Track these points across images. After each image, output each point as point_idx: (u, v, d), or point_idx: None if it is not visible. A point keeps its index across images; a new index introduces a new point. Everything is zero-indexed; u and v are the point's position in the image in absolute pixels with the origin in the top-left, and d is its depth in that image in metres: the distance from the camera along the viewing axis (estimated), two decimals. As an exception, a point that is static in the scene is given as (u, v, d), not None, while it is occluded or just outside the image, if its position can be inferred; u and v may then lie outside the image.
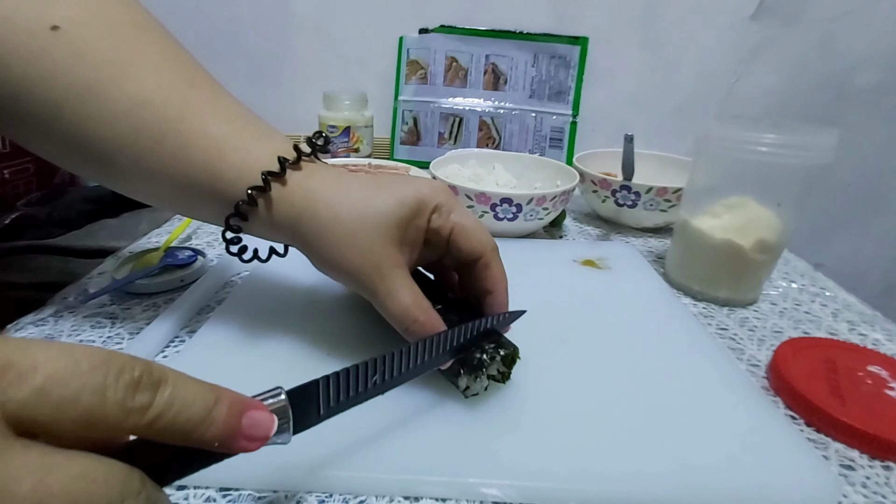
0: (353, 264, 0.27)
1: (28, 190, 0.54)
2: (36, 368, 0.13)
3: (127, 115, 0.26)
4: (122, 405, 0.14)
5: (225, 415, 0.16)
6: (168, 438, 0.15)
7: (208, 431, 0.16)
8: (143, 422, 0.14)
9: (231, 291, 0.39)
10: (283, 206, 0.27)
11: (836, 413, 0.28)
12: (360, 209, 0.27)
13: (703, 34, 0.78)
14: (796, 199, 0.39)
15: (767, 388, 0.33)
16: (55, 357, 0.13)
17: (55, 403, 0.13)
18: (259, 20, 0.79)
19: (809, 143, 0.36)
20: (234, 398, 0.17)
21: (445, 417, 0.27)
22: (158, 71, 0.27)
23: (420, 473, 0.23)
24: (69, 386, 0.13)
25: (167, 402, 0.15)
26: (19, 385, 0.13)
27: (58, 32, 0.25)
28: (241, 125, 0.28)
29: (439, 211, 0.28)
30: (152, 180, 0.28)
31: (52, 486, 0.12)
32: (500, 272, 0.29)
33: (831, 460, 0.27)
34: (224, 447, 0.16)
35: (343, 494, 0.23)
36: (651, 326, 0.36)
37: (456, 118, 0.77)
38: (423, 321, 0.26)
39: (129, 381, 0.14)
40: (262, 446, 0.17)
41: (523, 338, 0.29)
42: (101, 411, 0.14)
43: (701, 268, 0.43)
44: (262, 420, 0.17)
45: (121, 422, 0.14)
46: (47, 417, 0.13)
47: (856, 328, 0.40)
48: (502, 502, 0.23)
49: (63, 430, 0.13)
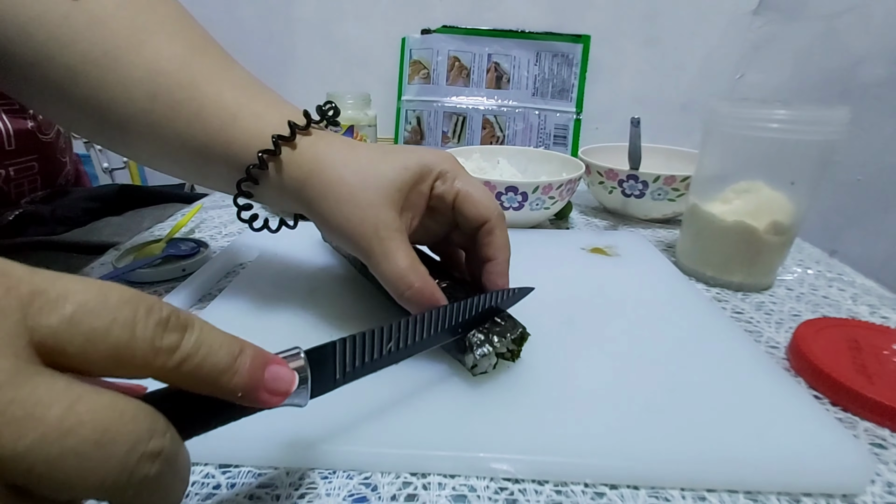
0: (352, 224, 0.26)
1: (33, 188, 0.54)
2: (66, 297, 0.13)
3: (143, 82, 0.27)
4: (151, 343, 0.14)
5: (249, 365, 0.16)
6: (193, 384, 0.15)
7: (233, 380, 0.15)
8: (171, 363, 0.14)
9: (234, 279, 0.38)
10: (292, 168, 0.28)
11: (865, 391, 0.27)
12: (364, 171, 0.27)
13: (705, 30, 0.78)
14: (810, 178, 0.38)
15: (788, 368, 0.31)
16: (85, 288, 0.13)
17: (85, 334, 0.13)
18: (262, 24, 0.80)
19: (822, 118, 0.35)
20: (256, 350, 0.16)
21: (453, 392, 0.25)
22: (172, 39, 0.28)
23: (427, 448, 0.22)
24: (100, 317, 0.13)
25: (194, 345, 0.14)
26: (49, 312, 0.12)
27: (77, 1, 0.26)
28: (253, 93, 0.29)
29: (444, 177, 0.28)
30: (167, 145, 0.28)
31: (81, 413, 0.12)
32: (504, 240, 0.29)
33: (860, 439, 0.26)
34: (246, 398, 0.16)
35: (347, 471, 0.22)
36: (663, 308, 0.35)
37: (459, 117, 0.77)
38: (418, 287, 0.26)
39: (159, 319, 0.14)
40: (282, 403, 0.17)
41: (531, 320, 0.28)
42: (130, 347, 0.13)
43: (713, 252, 0.42)
44: (283, 374, 0.17)
45: (149, 361, 0.14)
46: (77, 348, 0.13)
47: (877, 311, 0.38)
48: (513, 478, 0.22)
49: (91, 365, 0.13)
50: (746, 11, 0.77)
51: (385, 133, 0.79)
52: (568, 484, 0.22)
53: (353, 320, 0.32)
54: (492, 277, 0.28)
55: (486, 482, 0.21)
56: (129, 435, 0.12)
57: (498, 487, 0.21)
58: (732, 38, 0.79)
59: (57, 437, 0.11)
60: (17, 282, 0.12)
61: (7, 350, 0.12)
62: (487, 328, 0.26)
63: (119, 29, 0.26)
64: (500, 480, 0.22)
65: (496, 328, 0.26)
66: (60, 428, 0.11)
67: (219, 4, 0.78)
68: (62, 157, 0.56)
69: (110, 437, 0.12)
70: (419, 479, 0.22)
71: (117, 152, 0.31)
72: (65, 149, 0.57)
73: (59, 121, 0.30)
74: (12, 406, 0.11)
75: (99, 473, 0.12)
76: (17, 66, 0.26)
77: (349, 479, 0.21)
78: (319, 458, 0.22)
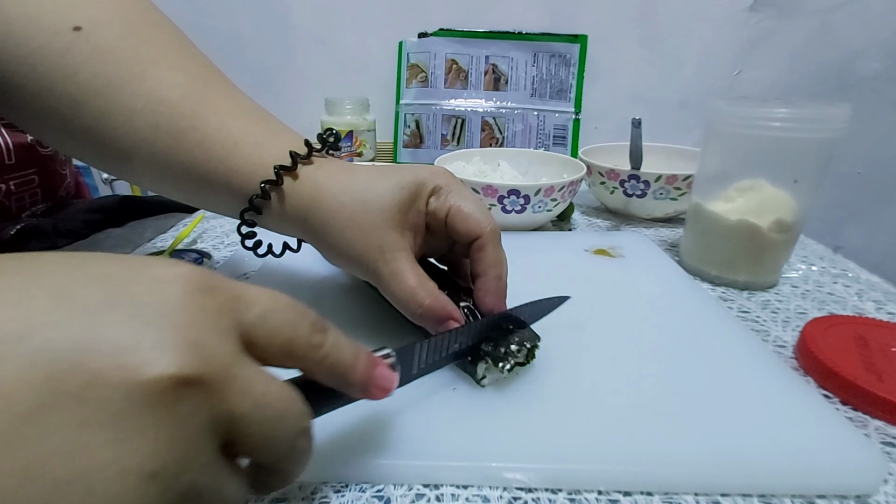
0: (357, 249, 0.27)
1: (33, 202, 0.54)
2: (256, 300, 0.16)
3: (145, 112, 0.27)
4: (307, 340, 0.17)
5: (364, 365, 0.19)
6: (326, 376, 0.18)
7: (354, 376, 0.18)
8: (318, 356, 0.17)
9: (237, 290, 0.38)
10: (294, 197, 0.28)
11: (875, 389, 0.27)
12: (363, 195, 0.27)
13: (702, 27, 0.78)
14: (812, 176, 0.38)
15: (796, 367, 0.31)
16: (264, 294, 0.16)
17: (269, 329, 0.16)
18: (260, 33, 0.80)
19: (824, 116, 0.35)
20: (368, 353, 0.19)
21: (464, 401, 0.25)
22: (174, 69, 0.28)
23: (440, 459, 0.22)
24: (278, 317, 0.16)
25: (332, 344, 0.18)
26: (248, 311, 0.16)
27: (80, 32, 0.26)
28: (254, 121, 0.29)
29: (437, 193, 0.28)
30: (169, 174, 0.28)
31: (272, 392, 0.15)
32: (495, 257, 0.28)
33: (871, 438, 0.26)
34: (362, 392, 0.19)
35: (360, 484, 0.22)
36: (670, 310, 0.35)
37: (458, 119, 0.77)
38: (429, 304, 0.26)
39: (311, 321, 0.17)
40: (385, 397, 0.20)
41: (539, 325, 0.28)
42: (294, 342, 0.16)
43: (717, 252, 0.42)
44: (388, 374, 0.20)
45: (305, 353, 0.17)
46: (263, 340, 0.16)
47: (883, 307, 0.38)
48: (526, 487, 0.22)
49: (267, 355, 0.16)
50: (743, 8, 0.77)
51: (384, 137, 0.79)
52: (581, 492, 0.22)
53: (361, 328, 0.32)
54: (479, 294, 0.28)
55: (499, 492, 0.21)
56: (297, 413, 0.16)
57: (511, 497, 0.21)
58: (729, 35, 0.79)
59: (261, 407, 0.15)
60: (227, 286, 0.16)
61: (231, 336, 0.15)
62: (503, 341, 0.26)
63: (121, 59, 0.27)
64: (514, 490, 0.22)
65: (513, 342, 0.26)
66: (262, 401, 0.15)
67: (216, 13, 0.78)
68: (62, 170, 0.56)
69: (287, 412, 0.16)
70: (432, 490, 0.22)
71: (124, 179, 0.32)
72: (65, 161, 0.57)
73: (63, 149, 0.30)
74: (238, 380, 0.14)
75: (279, 438, 0.15)
76: (20, 96, 0.27)
77: (362, 493, 0.21)
78: (332, 472, 0.22)
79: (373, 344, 0.23)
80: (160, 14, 0.30)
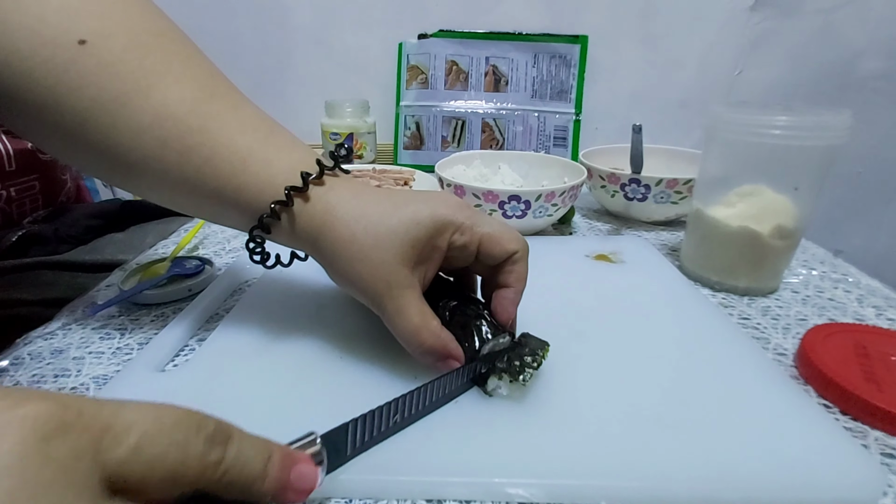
0: (365, 282, 0.27)
1: (34, 208, 0.54)
2: (130, 429, 0.14)
3: (152, 128, 0.26)
4: (201, 459, 0.15)
5: (277, 470, 0.17)
6: (229, 491, 0.16)
7: (264, 486, 0.16)
8: (215, 475, 0.15)
9: (240, 299, 0.38)
10: (304, 219, 0.28)
11: (875, 399, 0.27)
12: (376, 228, 0.26)
13: (702, 27, 0.78)
14: (813, 183, 0.38)
15: (796, 376, 0.31)
16: (143, 416, 0.14)
17: (147, 460, 0.14)
18: (259, 35, 0.79)
19: (824, 124, 0.35)
20: (283, 452, 0.17)
21: (466, 415, 0.26)
22: (181, 81, 0.27)
23: (442, 474, 0.22)
24: (159, 443, 0.14)
25: (235, 456, 0.16)
26: (117, 446, 0.13)
27: (84, 46, 0.25)
28: (263, 135, 0.29)
29: (461, 230, 0.27)
30: (178, 189, 0.28)
31: None
32: (525, 271, 0.29)
33: (871, 449, 0.26)
34: (274, 500, 0.17)
35: (363, 499, 0.22)
36: (671, 317, 0.35)
37: (459, 121, 0.76)
38: (430, 344, 0.26)
39: (206, 435, 0.15)
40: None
41: (540, 334, 0.28)
42: (183, 466, 0.14)
43: (718, 257, 0.42)
44: (307, 473, 0.18)
45: (199, 475, 0.15)
46: (138, 475, 0.14)
47: (883, 313, 0.38)
48: (528, 502, 0.22)
49: (149, 487, 0.14)
50: (744, 8, 0.77)
51: (384, 139, 0.79)
52: (583, 506, 0.22)
53: (362, 339, 0.32)
54: (504, 303, 0.28)
55: (501, 506, 0.22)
56: None
57: (514, 511, 0.21)
58: (730, 35, 0.78)
59: None
60: (89, 420, 0.13)
61: (85, 493, 0.12)
62: (516, 356, 0.26)
63: (127, 73, 0.26)
64: (516, 504, 0.22)
65: (525, 357, 0.26)
66: None
67: (216, 15, 0.78)
68: (62, 175, 0.56)
69: None
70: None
71: (128, 192, 0.31)
72: (65, 166, 0.57)
73: (71, 163, 0.29)
74: None
75: None
76: (24, 109, 0.26)
77: (366, 507, 0.22)
78: (335, 487, 0.22)
79: (371, 357, 0.23)
80: (166, 20, 0.29)
